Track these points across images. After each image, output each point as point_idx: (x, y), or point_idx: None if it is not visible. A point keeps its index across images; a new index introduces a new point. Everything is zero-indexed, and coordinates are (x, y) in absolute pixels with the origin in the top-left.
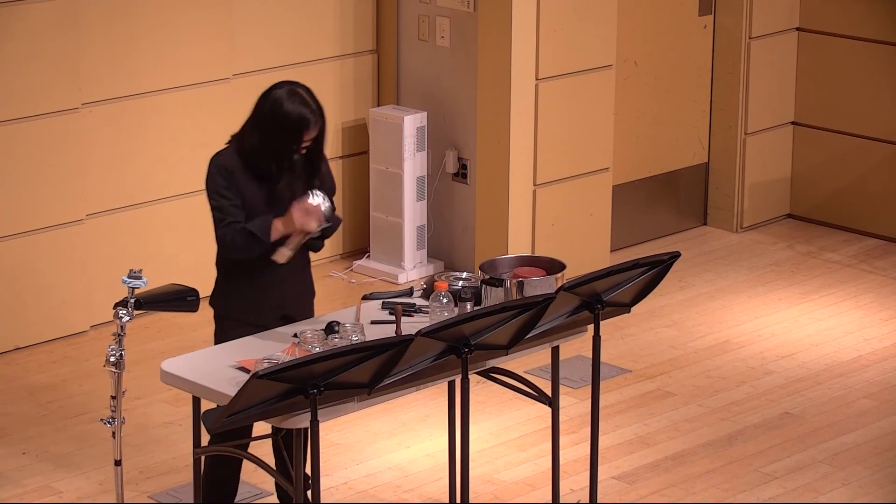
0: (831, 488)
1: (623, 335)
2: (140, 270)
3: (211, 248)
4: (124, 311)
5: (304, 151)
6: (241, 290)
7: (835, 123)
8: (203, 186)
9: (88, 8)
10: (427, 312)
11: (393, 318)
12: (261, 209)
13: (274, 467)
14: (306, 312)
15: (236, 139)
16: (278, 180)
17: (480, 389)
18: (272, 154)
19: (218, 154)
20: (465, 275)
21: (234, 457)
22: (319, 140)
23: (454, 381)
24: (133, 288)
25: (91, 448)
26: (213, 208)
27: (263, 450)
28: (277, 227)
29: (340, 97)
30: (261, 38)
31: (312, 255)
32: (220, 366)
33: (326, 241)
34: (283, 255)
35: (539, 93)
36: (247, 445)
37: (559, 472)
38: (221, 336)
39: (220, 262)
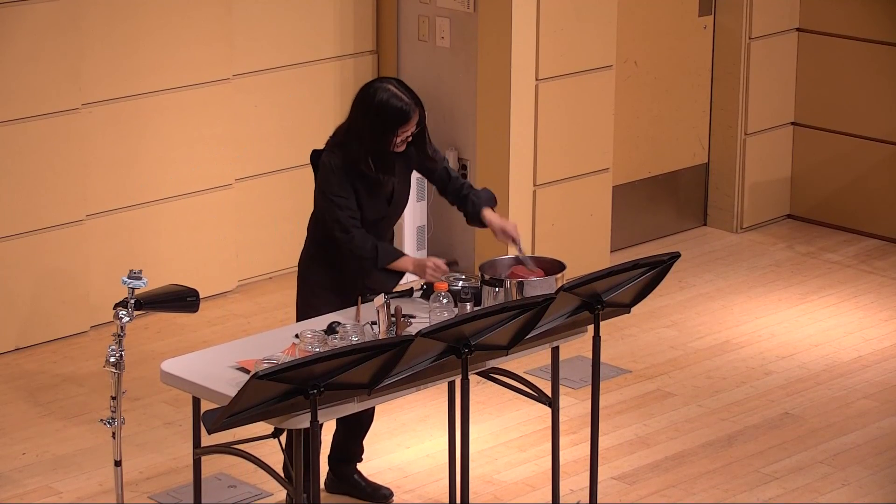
0: (831, 489)
1: (623, 335)
2: (140, 271)
3: (210, 249)
4: (124, 312)
5: (405, 141)
6: (329, 262)
7: (835, 123)
8: (203, 187)
9: (88, 8)
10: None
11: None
12: (367, 200)
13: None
14: (387, 286)
15: (338, 138)
16: (382, 176)
17: (480, 390)
18: (371, 151)
19: (324, 154)
20: (465, 275)
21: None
22: (421, 130)
23: (454, 381)
24: (133, 288)
25: (91, 448)
26: (331, 208)
27: (264, 450)
28: (404, 264)
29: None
30: (261, 38)
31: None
32: (220, 366)
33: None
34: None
35: (539, 93)
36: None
37: (559, 472)
38: (304, 298)
39: (320, 235)
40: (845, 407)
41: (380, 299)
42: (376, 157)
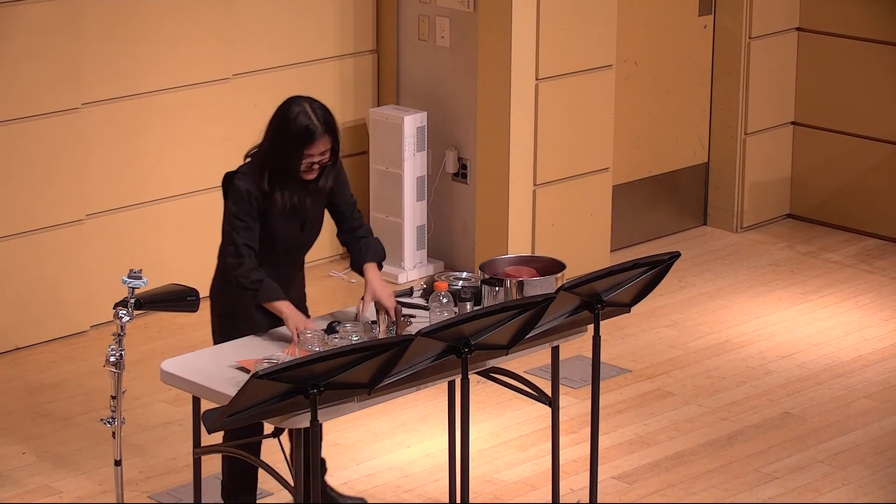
0: (831, 488)
1: (623, 335)
2: (140, 270)
3: (209, 249)
4: (124, 311)
5: (314, 168)
6: (241, 291)
7: (835, 123)
8: (203, 187)
9: (88, 8)
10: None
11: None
12: (279, 224)
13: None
14: (259, 329)
15: (255, 156)
16: (289, 194)
17: (480, 389)
18: (281, 169)
19: (238, 175)
20: (465, 275)
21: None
22: (337, 167)
23: (454, 381)
24: (133, 288)
25: (91, 448)
26: (230, 226)
27: (264, 450)
28: (280, 307)
29: (340, 97)
30: (261, 38)
31: (310, 255)
32: (220, 366)
33: (324, 240)
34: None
35: (539, 93)
36: (257, 445)
37: (559, 472)
38: (220, 335)
39: (222, 259)
40: (845, 406)
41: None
42: (279, 177)
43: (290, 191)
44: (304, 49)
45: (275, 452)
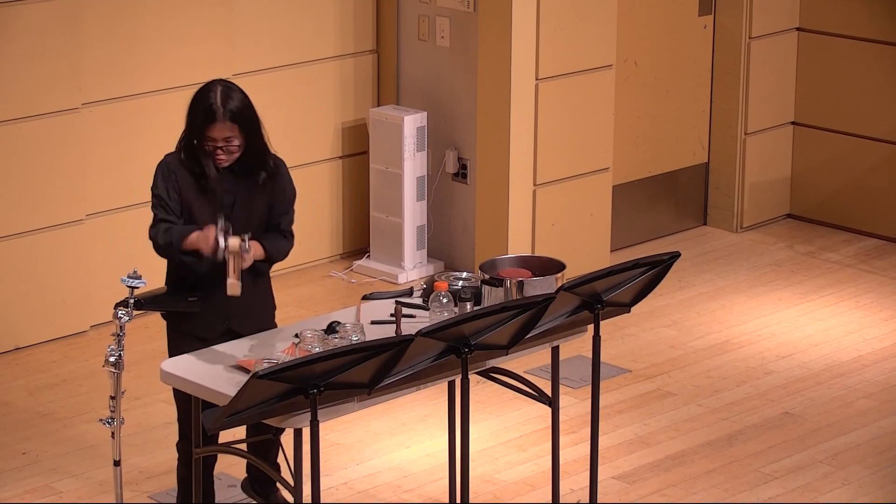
0: (831, 488)
1: (623, 335)
2: (138, 271)
3: None
4: (124, 312)
5: (220, 154)
6: (167, 256)
7: (835, 123)
8: None
9: (88, 8)
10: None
11: (393, 318)
12: (199, 211)
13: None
14: (255, 327)
15: (179, 142)
16: (206, 180)
17: (480, 389)
18: (195, 153)
19: (167, 154)
20: (465, 275)
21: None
22: (250, 145)
23: (454, 381)
24: (133, 288)
25: (91, 448)
26: (152, 206)
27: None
28: (191, 239)
29: (340, 97)
30: (261, 38)
31: (310, 255)
32: (220, 366)
33: (323, 240)
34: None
35: (539, 93)
36: (253, 444)
37: (559, 472)
38: (171, 348)
39: (169, 273)
40: (845, 407)
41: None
42: (192, 156)
43: (204, 171)
44: (304, 49)
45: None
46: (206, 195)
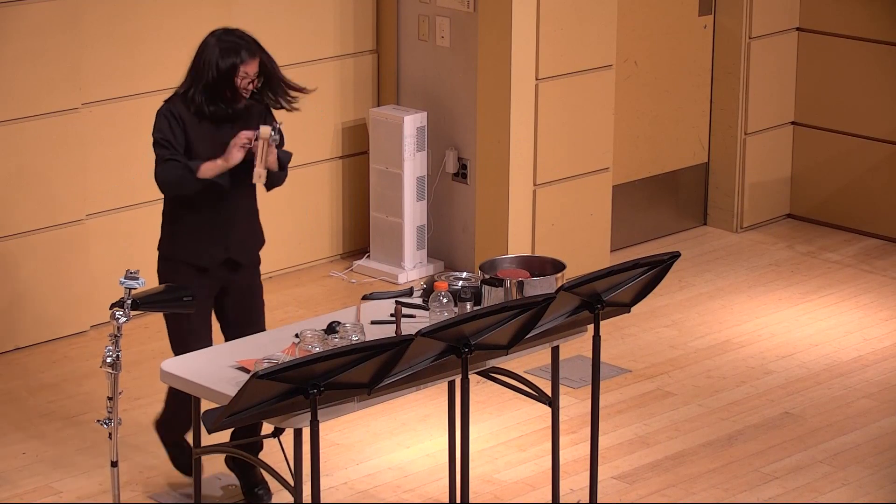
0: (831, 488)
1: (623, 335)
2: (137, 271)
3: None
4: (121, 312)
5: (247, 91)
6: (187, 231)
7: (835, 123)
8: None
9: (88, 8)
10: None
11: (393, 318)
12: (206, 154)
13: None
14: (251, 258)
15: (181, 90)
16: (227, 124)
17: (480, 389)
18: (214, 99)
19: (167, 101)
20: (465, 275)
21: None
22: (267, 79)
23: (454, 381)
24: (130, 289)
25: (91, 448)
26: (155, 149)
27: (264, 450)
28: (206, 165)
29: (340, 97)
30: (261, 39)
31: (310, 255)
32: (220, 366)
33: (323, 240)
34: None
35: (539, 93)
36: (250, 443)
37: (559, 472)
38: (164, 276)
39: (167, 206)
40: (845, 407)
41: (266, 130)
42: (214, 92)
43: (226, 110)
44: (304, 49)
45: (275, 452)
46: (218, 135)
